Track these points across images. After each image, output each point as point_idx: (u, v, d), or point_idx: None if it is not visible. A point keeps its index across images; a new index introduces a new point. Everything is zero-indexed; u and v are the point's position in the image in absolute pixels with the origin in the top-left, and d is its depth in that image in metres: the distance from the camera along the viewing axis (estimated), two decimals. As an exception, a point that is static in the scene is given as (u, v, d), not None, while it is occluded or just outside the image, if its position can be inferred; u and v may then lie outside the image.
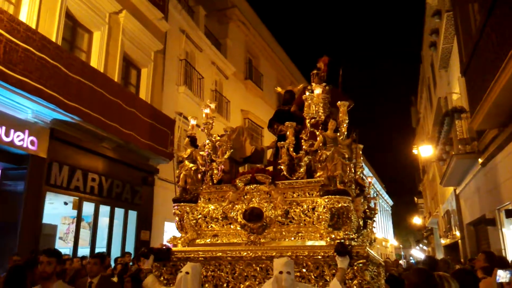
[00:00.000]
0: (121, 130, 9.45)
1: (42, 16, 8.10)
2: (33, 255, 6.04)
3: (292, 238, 4.05)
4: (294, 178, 4.32)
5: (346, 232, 3.78)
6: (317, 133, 4.28)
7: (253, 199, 4.28)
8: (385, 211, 47.23)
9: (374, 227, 5.89)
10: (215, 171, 4.70)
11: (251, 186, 4.33)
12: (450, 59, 12.38)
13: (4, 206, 7.60)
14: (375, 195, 6.93)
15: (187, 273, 3.35)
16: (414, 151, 23.19)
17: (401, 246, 51.78)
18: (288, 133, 4.61)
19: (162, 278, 4.08)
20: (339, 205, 3.76)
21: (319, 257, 3.61)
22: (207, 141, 4.76)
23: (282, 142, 4.65)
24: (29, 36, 7.25)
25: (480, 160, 9.20)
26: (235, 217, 4.24)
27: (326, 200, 3.82)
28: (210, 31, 16.19)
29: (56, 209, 9.44)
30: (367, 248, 3.60)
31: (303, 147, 4.48)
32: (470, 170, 10.53)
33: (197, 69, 14.61)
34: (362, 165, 5.42)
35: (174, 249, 4.24)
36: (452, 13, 9.94)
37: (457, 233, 14.06)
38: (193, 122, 4.87)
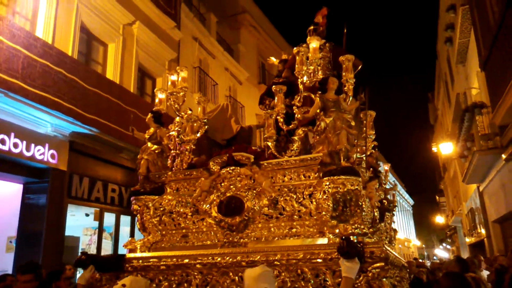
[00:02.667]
0: (138, 140, 9.51)
1: (58, 31, 8.24)
2: (58, 267, 6.10)
3: (284, 236, 3.12)
4: (286, 157, 3.39)
5: (356, 225, 2.87)
6: (314, 97, 3.44)
7: (232, 186, 3.30)
8: (406, 210, 46.48)
9: (394, 222, 5.02)
10: (186, 154, 3.81)
11: (228, 169, 3.35)
12: (467, 54, 12.13)
13: (27, 220, 7.71)
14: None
15: (123, 285, 2.47)
16: (434, 148, 22.78)
17: (424, 246, 50.85)
18: (276, 100, 3.65)
19: None
20: (345, 188, 2.86)
21: (319, 260, 2.68)
22: (177, 118, 3.93)
23: (268, 111, 3.72)
24: (46, 51, 7.37)
25: (503, 156, 8.95)
26: (208, 210, 3.29)
27: (327, 183, 2.90)
28: (222, 38, 16.25)
29: (78, 221, 9.54)
30: (385, 246, 2.64)
31: (296, 116, 3.58)
32: (493, 166, 10.26)
33: (211, 76, 14.66)
34: (374, 141, 4.30)
35: (129, 255, 3.36)
36: (467, 7, 9.74)
37: (483, 231, 13.71)
38: (160, 95, 4.10)
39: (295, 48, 3.72)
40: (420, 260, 18.69)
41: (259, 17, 19.53)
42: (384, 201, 4.34)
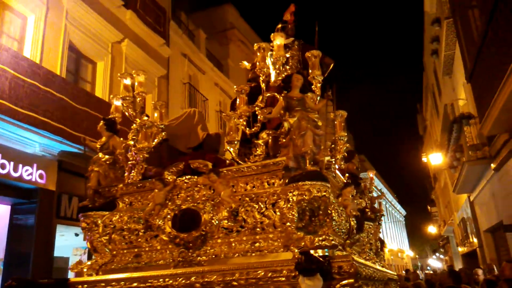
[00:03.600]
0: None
1: (46, 51, 8.20)
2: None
3: (245, 252, 2.81)
4: (249, 163, 3.08)
5: (324, 237, 2.56)
6: (278, 96, 3.20)
7: (189, 198, 3.02)
8: (398, 221, 46.56)
9: (380, 232, 4.73)
10: (140, 164, 3.45)
11: (184, 179, 3.08)
12: (453, 66, 12.33)
13: (16, 241, 7.56)
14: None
15: None
16: (424, 159, 22.98)
17: (417, 256, 50.85)
18: (238, 101, 3.37)
19: None
20: (311, 195, 2.56)
21: (282, 278, 2.41)
22: (133, 125, 3.61)
23: (229, 112, 3.44)
24: (34, 71, 7.33)
25: (493, 166, 9.05)
26: (161, 226, 2.98)
27: (292, 190, 2.63)
28: (211, 53, 16.34)
29: (67, 241, 9.37)
30: (354, 258, 2.41)
31: (258, 117, 3.29)
32: (483, 176, 10.35)
33: (201, 92, 14.69)
34: (347, 144, 3.91)
35: (73, 279, 3.07)
36: (451, 20, 9.94)
37: (475, 241, 13.76)
38: (116, 103, 3.79)
39: (255, 44, 3.43)
40: (414, 271, 18.65)
41: (248, 32, 19.71)
42: (366, 209, 4.13)
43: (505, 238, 9.70)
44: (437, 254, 38.14)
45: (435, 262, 38.79)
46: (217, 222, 2.91)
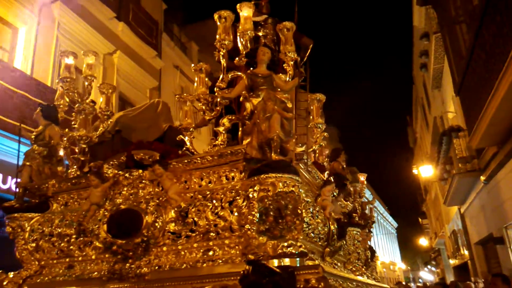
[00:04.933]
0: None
1: (37, 62, 8.18)
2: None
3: (195, 262, 2.29)
4: (204, 153, 2.56)
5: (291, 242, 2.08)
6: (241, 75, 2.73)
7: (131, 196, 2.49)
8: (390, 233, 46.60)
9: (370, 241, 4.34)
10: (77, 157, 2.89)
11: (125, 173, 2.54)
12: (442, 79, 12.51)
13: (2, 253, 7.42)
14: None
15: None
16: (414, 171, 23.10)
17: (409, 268, 50.80)
18: (196, 81, 2.95)
19: None
20: (276, 190, 2.09)
21: None
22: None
23: (184, 95, 3.06)
24: (25, 82, 7.29)
25: (482, 178, 9.13)
26: (96, 230, 2.43)
27: (253, 185, 2.16)
28: (203, 66, 16.40)
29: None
30: (325, 269, 2.01)
31: (217, 99, 2.81)
32: (473, 188, 10.44)
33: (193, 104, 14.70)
34: (324, 133, 3.41)
35: None
36: (440, 35, 10.12)
37: (466, 253, 13.80)
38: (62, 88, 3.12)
39: (215, 13, 2.96)
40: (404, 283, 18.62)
41: (240, 45, 19.84)
42: (354, 214, 3.75)
43: (495, 250, 9.74)
44: (429, 266, 38.14)
45: (427, 275, 38.76)
46: (161, 225, 2.35)
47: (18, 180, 2.93)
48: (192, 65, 3.17)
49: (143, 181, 2.55)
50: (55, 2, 8.71)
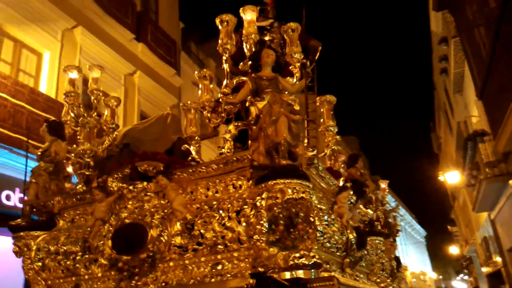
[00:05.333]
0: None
1: (61, 86, 8.47)
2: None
3: (203, 277, 2.21)
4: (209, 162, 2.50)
5: (303, 253, 1.98)
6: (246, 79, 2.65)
7: (137, 210, 2.39)
8: (419, 242, 45.45)
9: (396, 250, 4.21)
10: (85, 172, 2.86)
11: (130, 186, 2.45)
12: (463, 83, 12.29)
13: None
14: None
15: None
16: (440, 177, 22.59)
17: (441, 278, 49.30)
18: (200, 87, 2.89)
19: None
20: (285, 197, 1.98)
21: None
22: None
23: (188, 103, 2.93)
24: (49, 105, 7.55)
25: (511, 182, 8.86)
26: (100, 247, 2.37)
27: (260, 193, 2.06)
28: (221, 81, 16.60)
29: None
30: (340, 281, 2.00)
31: (222, 106, 2.79)
32: (502, 194, 10.12)
33: (213, 119, 14.86)
34: (337, 136, 3.31)
35: None
36: (458, 39, 9.98)
37: (499, 260, 13.33)
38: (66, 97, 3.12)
39: (216, 17, 2.93)
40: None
41: (257, 59, 20.02)
42: (376, 222, 3.61)
43: (529, 257, 9.39)
44: (461, 275, 36.94)
45: (459, 284, 37.52)
46: (166, 238, 2.24)
47: (23, 196, 2.86)
48: (196, 72, 3.06)
49: (148, 194, 2.46)
50: (77, 27, 9.03)
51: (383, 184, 4.59)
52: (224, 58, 2.94)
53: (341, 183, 3.09)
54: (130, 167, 2.49)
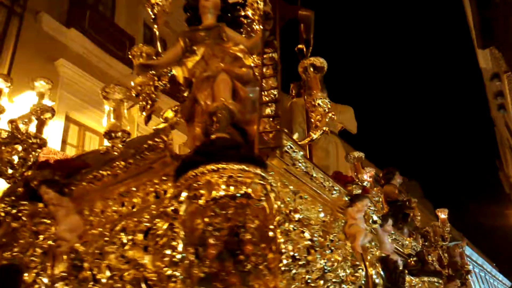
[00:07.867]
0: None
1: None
2: None
3: None
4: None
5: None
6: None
7: (21, 242, 1.74)
8: (505, 294, 40.91)
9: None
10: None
11: (15, 211, 1.73)
12: (525, 117, 11.64)
13: None
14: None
15: None
16: (518, 220, 20.69)
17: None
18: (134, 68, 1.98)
19: None
20: (217, 194, 1.09)
21: None
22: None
23: (111, 86, 1.97)
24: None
25: None
26: None
27: (177, 193, 1.21)
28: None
29: None
30: None
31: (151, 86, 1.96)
32: None
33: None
34: (330, 113, 2.25)
35: None
36: (511, 73, 9.63)
37: None
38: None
39: None
40: None
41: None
42: (427, 258, 2.65)
43: None
44: None
45: None
46: (46, 284, 1.49)
47: None
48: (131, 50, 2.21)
49: (43, 219, 1.67)
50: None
51: (443, 214, 3.58)
52: (151, 14, 2.05)
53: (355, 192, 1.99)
54: (24, 185, 1.78)
